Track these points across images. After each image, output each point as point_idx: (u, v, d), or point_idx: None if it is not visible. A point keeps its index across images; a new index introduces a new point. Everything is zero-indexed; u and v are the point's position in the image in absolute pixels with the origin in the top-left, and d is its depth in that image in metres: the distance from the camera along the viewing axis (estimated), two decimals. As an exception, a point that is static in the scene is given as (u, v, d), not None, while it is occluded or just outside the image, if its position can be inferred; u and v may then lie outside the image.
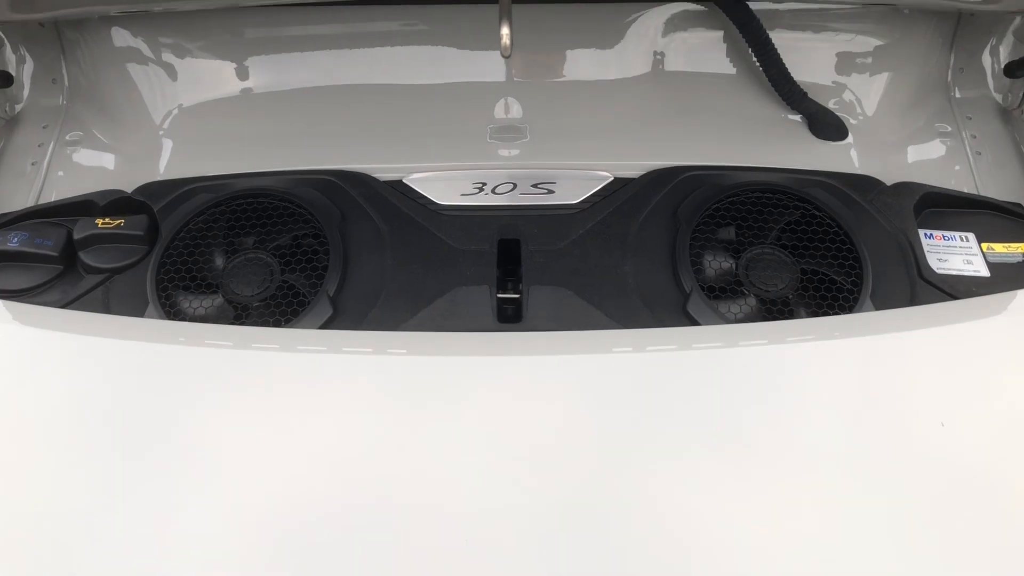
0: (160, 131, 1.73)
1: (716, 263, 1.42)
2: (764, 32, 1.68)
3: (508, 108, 1.73)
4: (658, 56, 1.78)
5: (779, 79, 1.71)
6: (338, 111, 1.73)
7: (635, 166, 1.56)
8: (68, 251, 1.43)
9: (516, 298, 1.37)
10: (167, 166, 1.67)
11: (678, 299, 1.37)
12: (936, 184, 1.55)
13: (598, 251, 1.43)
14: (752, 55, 1.74)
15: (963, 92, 1.76)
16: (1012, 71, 1.69)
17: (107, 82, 1.75)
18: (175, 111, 1.75)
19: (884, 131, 1.73)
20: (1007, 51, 1.73)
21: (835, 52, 1.77)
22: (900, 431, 1.05)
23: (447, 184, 1.54)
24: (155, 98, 1.75)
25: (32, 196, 1.60)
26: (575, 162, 1.58)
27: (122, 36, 1.75)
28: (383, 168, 1.57)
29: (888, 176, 1.57)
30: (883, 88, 1.77)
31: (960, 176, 1.65)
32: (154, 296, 1.36)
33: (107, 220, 1.45)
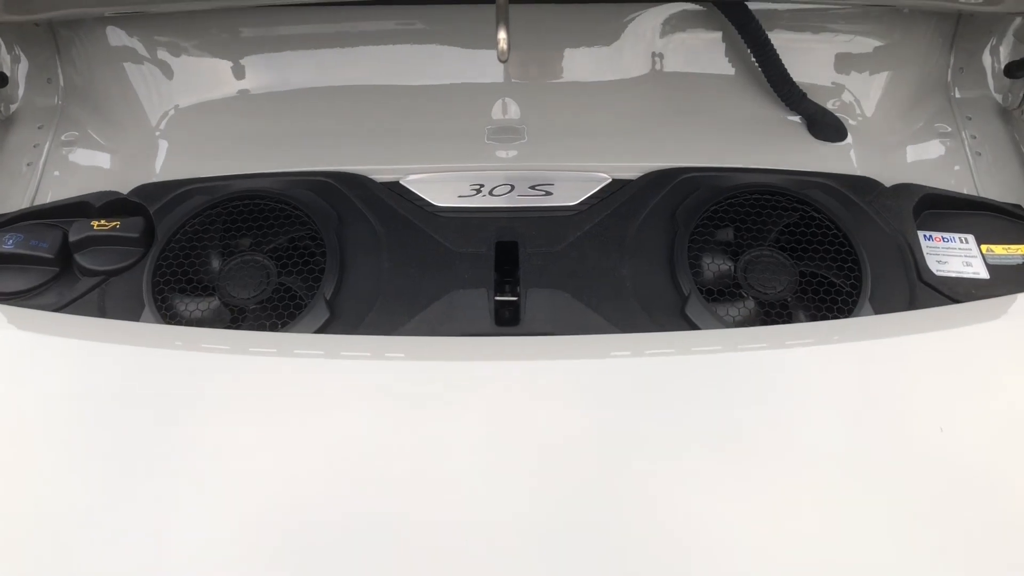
0: (156, 132, 1.73)
1: (714, 265, 1.41)
2: (763, 32, 1.68)
3: (506, 109, 1.72)
4: (656, 57, 1.77)
5: (778, 80, 1.71)
6: (335, 112, 1.72)
7: (633, 167, 1.55)
8: (64, 253, 1.42)
9: (514, 301, 1.37)
10: (163, 167, 1.67)
11: (676, 301, 1.36)
12: (936, 185, 1.54)
13: (596, 253, 1.42)
14: (751, 56, 1.73)
15: (963, 92, 1.75)
16: (1012, 71, 1.68)
17: (103, 82, 1.74)
18: (171, 112, 1.74)
19: (883, 132, 1.72)
20: (1007, 51, 1.73)
21: (834, 53, 1.77)
22: (900, 437, 1.05)
23: (444, 186, 1.53)
24: (151, 98, 1.75)
25: (27, 197, 1.59)
26: (573, 163, 1.57)
27: (118, 36, 1.74)
28: (380, 169, 1.56)
29: (887, 177, 1.57)
30: (882, 89, 1.76)
31: (960, 177, 1.64)
32: (150, 299, 1.35)
33: (103, 222, 1.44)
